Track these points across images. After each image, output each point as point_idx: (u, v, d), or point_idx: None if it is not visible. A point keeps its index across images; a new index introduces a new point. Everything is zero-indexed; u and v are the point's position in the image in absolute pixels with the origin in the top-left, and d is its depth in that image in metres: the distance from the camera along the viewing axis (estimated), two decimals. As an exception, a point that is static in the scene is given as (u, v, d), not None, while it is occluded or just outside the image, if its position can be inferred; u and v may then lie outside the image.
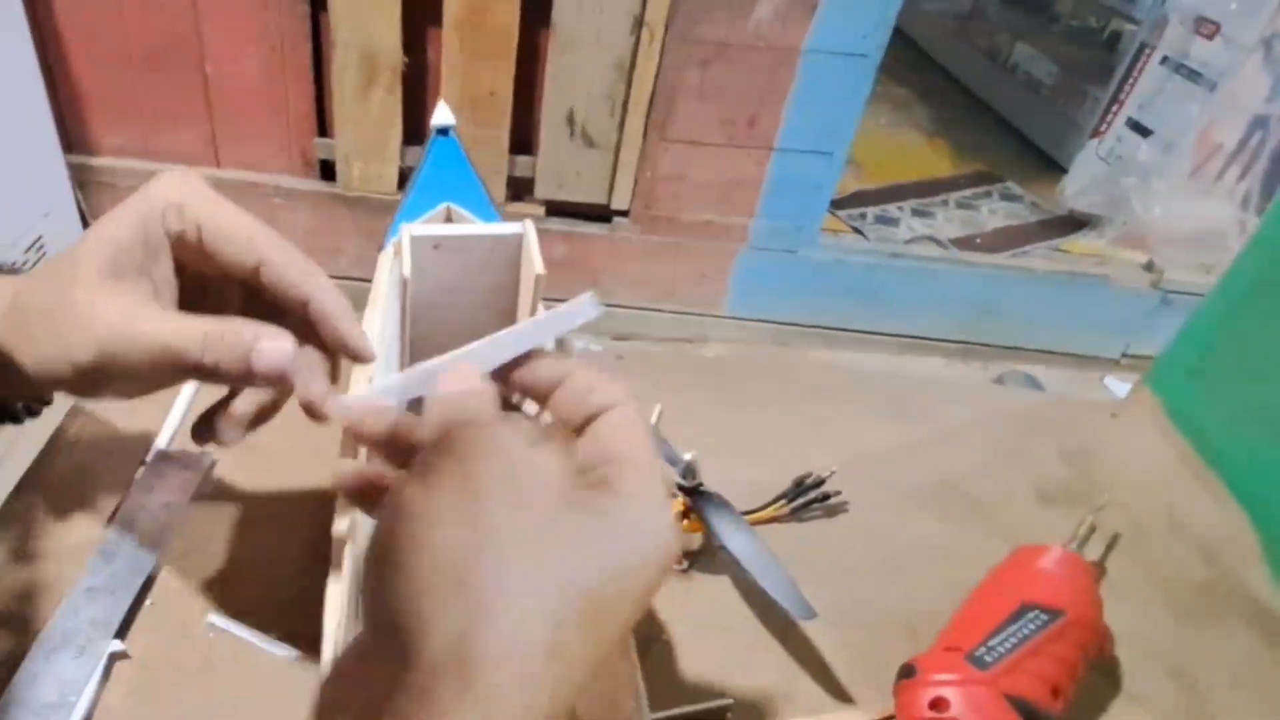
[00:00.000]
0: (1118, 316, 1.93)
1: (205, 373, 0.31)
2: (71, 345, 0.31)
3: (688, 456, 0.44)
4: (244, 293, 0.35)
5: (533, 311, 0.39)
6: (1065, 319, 1.94)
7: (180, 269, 0.34)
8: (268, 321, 0.32)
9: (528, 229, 0.38)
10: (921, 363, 1.95)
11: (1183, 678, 0.43)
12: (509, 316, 0.41)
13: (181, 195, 0.33)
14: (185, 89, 1.50)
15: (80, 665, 0.38)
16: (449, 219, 0.53)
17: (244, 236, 0.33)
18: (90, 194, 1.56)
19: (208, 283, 0.35)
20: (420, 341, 0.43)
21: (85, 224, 1.55)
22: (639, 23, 1.48)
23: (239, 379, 0.31)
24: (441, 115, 0.55)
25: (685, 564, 0.46)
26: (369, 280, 0.48)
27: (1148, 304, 1.90)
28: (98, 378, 0.32)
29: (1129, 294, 1.90)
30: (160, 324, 0.31)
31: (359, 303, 0.42)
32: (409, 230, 0.38)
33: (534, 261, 0.37)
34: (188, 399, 0.51)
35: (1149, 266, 1.91)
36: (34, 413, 0.39)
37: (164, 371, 0.31)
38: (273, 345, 0.31)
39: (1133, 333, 1.95)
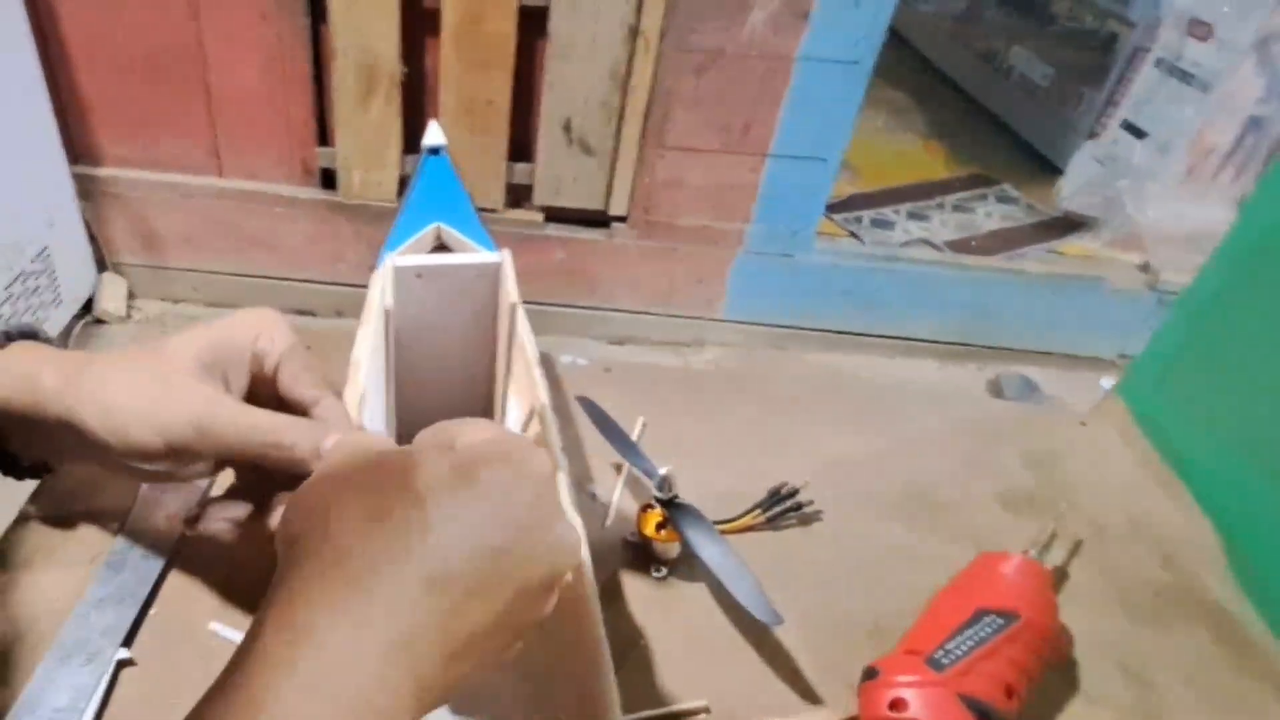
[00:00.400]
0: (1114, 318, 1.95)
1: (270, 458, 0.37)
2: (168, 421, 0.36)
3: (663, 470, 0.46)
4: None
5: (510, 339, 0.41)
6: (1061, 321, 1.96)
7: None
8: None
9: (505, 259, 0.41)
10: (916, 365, 1.97)
11: (1138, 678, 0.46)
12: (489, 341, 0.44)
13: (271, 329, 0.41)
14: (187, 99, 1.53)
15: (90, 672, 0.41)
16: (439, 239, 0.56)
17: (309, 380, 0.40)
18: (94, 204, 1.59)
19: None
20: (406, 368, 0.45)
21: (90, 234, 1.58)
22: (634, 31, 1.51)
23: (291, 465, 0.36)
24: (433, 135, 0.57)
25: (664, 572, 0.49)
26: (366, 286, 0.51)
27: (1144, 305, 1.92)
28: (183, 453, 0.37)
29: (1125, 295, 1.92)
30: (251, 410, 0.37)
31: (357, 310, 0.45)
32: (392, 260, 0.41)
33: (510, 291, 0.40)
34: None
35: (1145, 268, 1.92)
36: (37, 474, 0.44)
37: (237, 453, 0.37)
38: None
39: (1129, 334, 1.97)
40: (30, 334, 0.41)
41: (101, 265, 1.64)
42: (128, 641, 0.43)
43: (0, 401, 0.37)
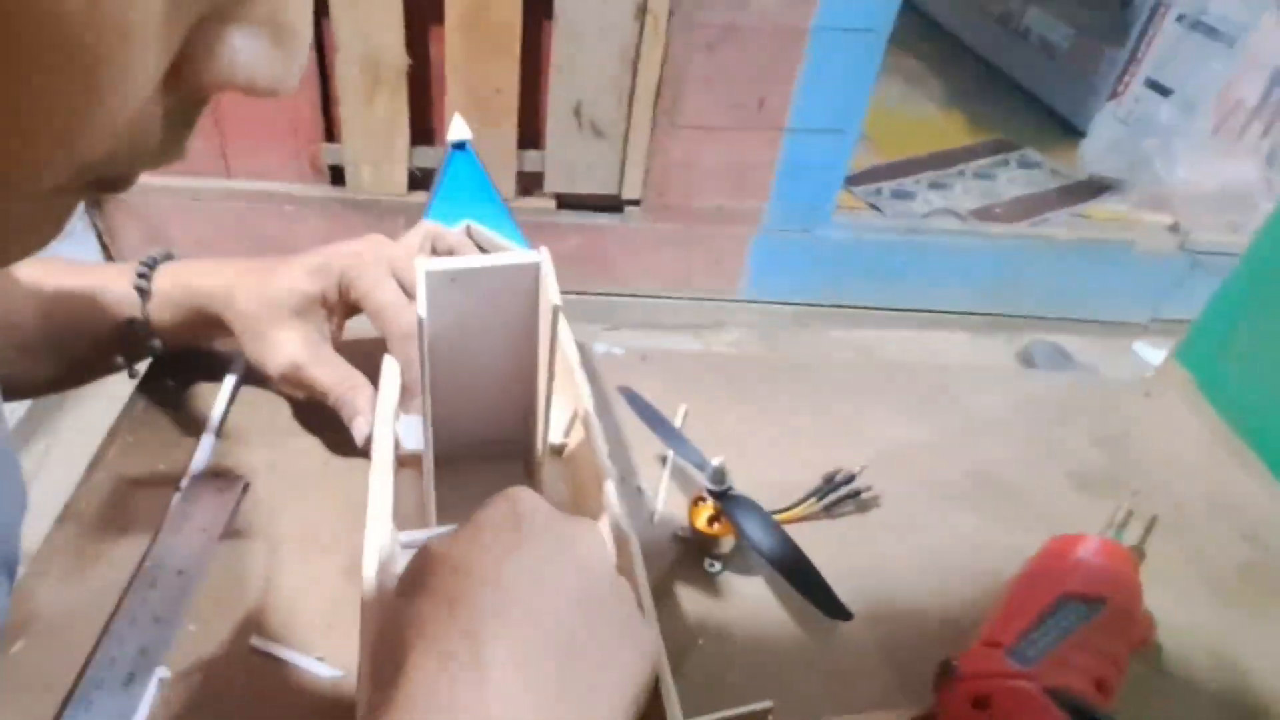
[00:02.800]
0: (1144, 281, 1.91)
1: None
2: (266, 360, 0.48)
3: (715, 461, 0.44)
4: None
5: (552, 343, 0.39)
6: (1090, 286, 1.92)
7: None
8: None
9: (544, 258, 0.38)
10: (944, 337, 1.93)
11: (1230, 664, 0.43)
12: (529, 344, 0.41)
13: (361, 268, 0.48)
14: (192, 102, 1.51)
15: (130, 694, 0.39)
16: (468, 234, 0.53)
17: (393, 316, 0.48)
18: (104, 212, 1.58)
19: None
20: (442, 375, 0.43)
21: (101, 242, 1.57)
22: (642, 9, 1.48)
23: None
24: (458, 130, 0.55)
25: (718, 567, 0.46)
26: None
27: (1175, 266, 1.88)
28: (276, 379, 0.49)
29: (1155, 257, 1.88)
30: (319, 369, 0.47)
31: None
32: (423, 265, 0.38)
33: (551, 292, 0.37)
34: (215, 425, 0.52)
35: (1174, 228, 1.88)
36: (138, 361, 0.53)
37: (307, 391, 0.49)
38: (360, 426, 0.46)
39: (1161, 296, 1.93)
40: (156, 260, 0.52)
41: (114, 273, 1.63)
42: (167, 660, 0.41)
43: (183, 318, 0.50)
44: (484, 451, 0.46)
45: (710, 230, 1.73)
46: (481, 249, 0.54)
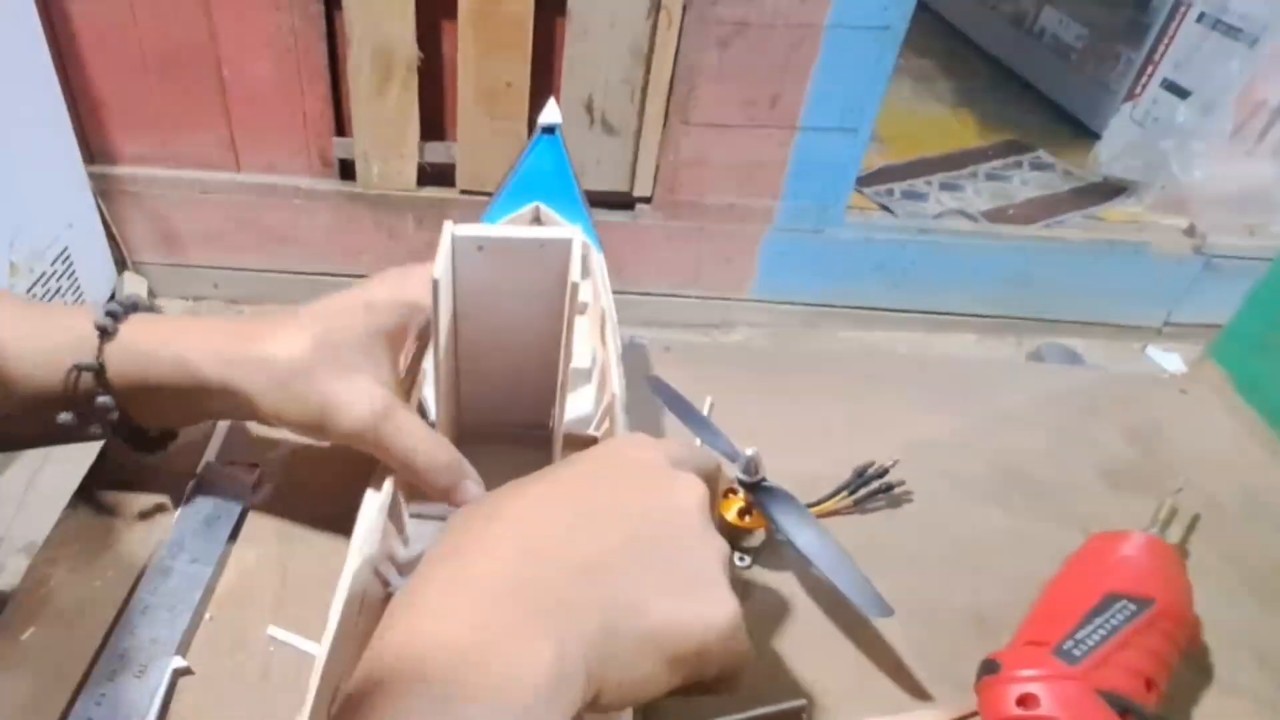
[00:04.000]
0: (1158, 284, 1.89)
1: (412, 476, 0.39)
2: (327, 429, 0.39)
3: (749, 452, 0.43)
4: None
5: (570, 322, 0.37)
6: (1103, 288, 1.90)
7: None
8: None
9: (576, 235, 0.37)
10: (955, 339, 1.92)
11: (1273, 665, 0.42)
12: (556, 322, 0.40)
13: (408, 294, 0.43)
14: (202, 94, 1.51)
15: (143, 685, 0.38)
16: (536, 219, 0.52)
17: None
18: (112, 203, 1.57)
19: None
20: (469, 347, 0.42)
21: (109, 234, 1.56)
22: (656, 5, 1.47)
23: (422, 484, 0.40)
24: (550, 114, 0.54)
25: (748, 561, 0.45)
26: None
27: (1190, 270, 1.87)
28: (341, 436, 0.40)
29: (1169, 260, 1.86)
30: (403, 439, 0.39)
31: None
32: (451, 229, 0.37)
33: (574, 269, 0.36)
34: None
35: (1190, 231, 1.86)
36: (163, 444, 0.46)
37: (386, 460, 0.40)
38: (470, 491, 0.40)
39: (1175, 300, 1.91)
40: (133, 307, 0.41)
41: (121, 265, 1.62)
42: (182, 650, 0.40)
43: (155, 378, 0.39)
44: (511, 435, 0.45)
45: (721, 228, 1.72)
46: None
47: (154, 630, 0.40)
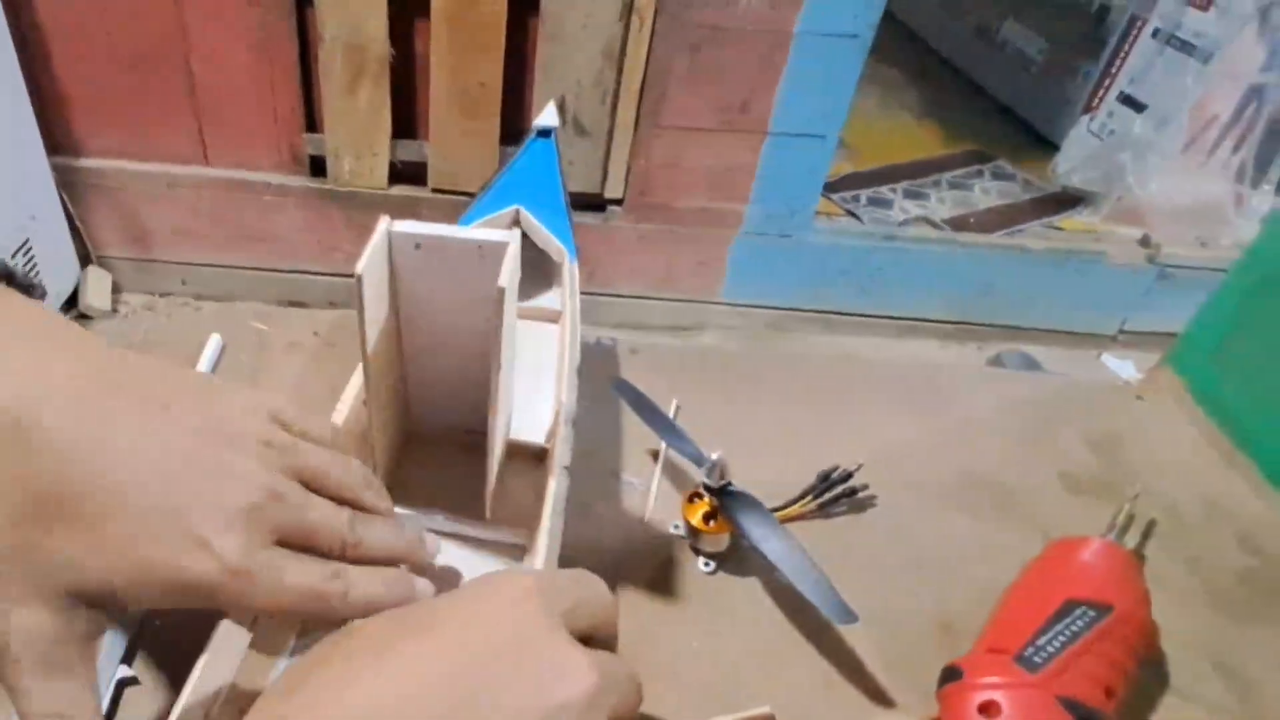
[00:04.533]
0: (1114, 293, 1.92)
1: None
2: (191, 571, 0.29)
3: (715, 456, 0.42)
4: None
5: (497, 330, 0.35)
6: (1061, 297, 1.92)
7: None
8: None
9: (514, 241, 0.35)
10: (918, 345, 1.93)
11: (1234, 675, 0.42)
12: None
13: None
14: (171, 88, 1.47)
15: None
16: (516, 222, 0.51)
17: None
18: (77, 196, 1.53)
19: None
20: (414, 349, 0.41)
21: (73, 227, 1.52)
22: (628, 8, 1.45)
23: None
24: (547, 116, 0.53)
25: (712, 566, 0.44)
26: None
27: (1144, 279, 1.89)
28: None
29: (1125, 270, 1.89)
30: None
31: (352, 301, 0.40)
32: (386, 224, 0.35)
33: (504, 274, 0.34)
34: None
35: (1145, 241, 1.89)
36: None
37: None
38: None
39: (1129, 309, 1.94)
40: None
41: (85, 259, 1.57)
42: (128, 658, 0.38)
43: None
44: (459, 439, 0.44)
45: (691, 232, 1.71)
46: (526, 236, 0.51)
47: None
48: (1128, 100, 1.91)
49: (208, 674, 0.32)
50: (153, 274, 1.65)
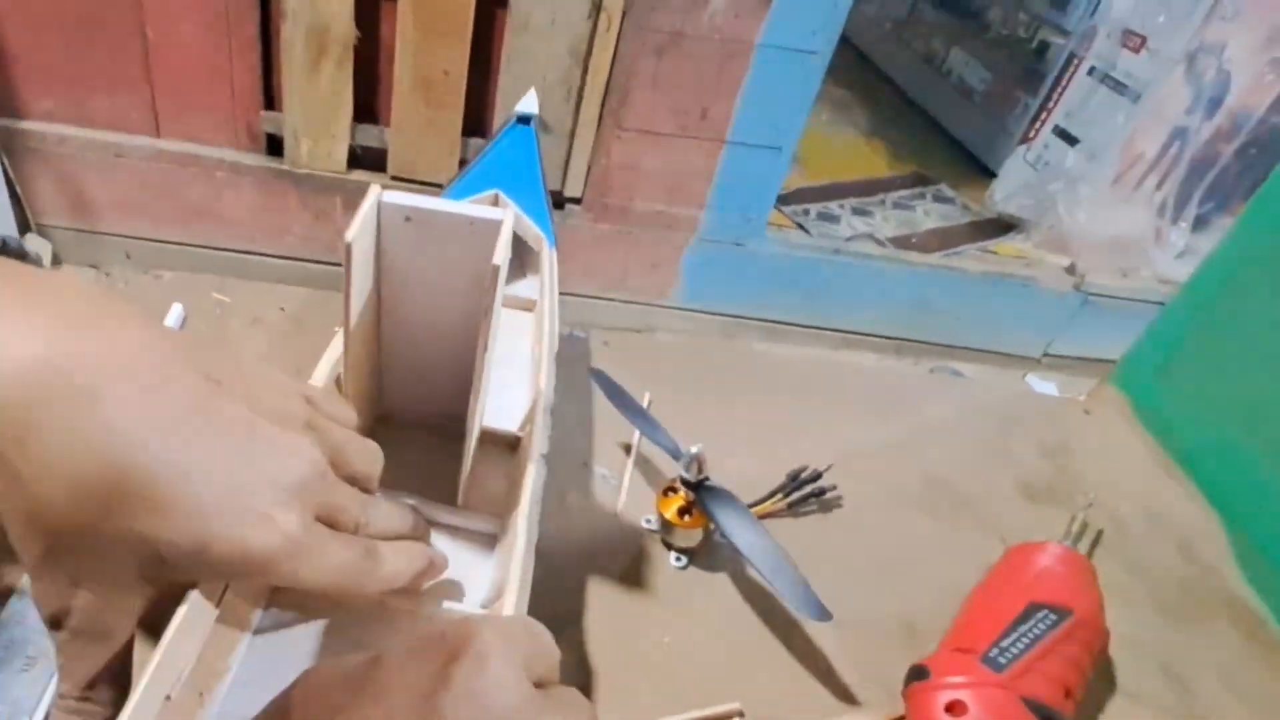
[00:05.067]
0: (1041, 316, 1.98)
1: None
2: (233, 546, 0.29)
3: (693, 450, 0.41)
4: None
5: (490, 304, 0.34)
6: (992, 318, 1.97)
7: None
8: None
9: (507, 218, 0.34)
10: (856, 358, 1.96)
11: (1176, 677, 0.43)
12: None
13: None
14: (123, 53, 1.40)
15: (32, 679, 0.33)
16: (495, 205, 0.49)
17: None
18: (17, 160, 1.44)
19: None
20: (392, 324, 0.39)
21: (13, 194, 1.44)
22: (597, 7, 1.44)
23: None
24: (528, 103, 0.51)
25: (684, 561, 0.43)
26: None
27: (1069, 305, 1.96)
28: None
29: (1052, 295, 1.95)
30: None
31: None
32: (378, 194, 0.34)
33: (498, 252, 0.32)
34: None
35: (1071, 269, 1.96)
36: None
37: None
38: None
39: (1054, 332, 2.00)
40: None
41: (25, 227, 1.49)
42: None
43: None
44: (435, 424, 0.42)
45: (648, 234, 1.70)
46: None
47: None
48: (1062, 134, 1.97)
49: (171, 651, 0.30)
50: (95, 246, 1.57)
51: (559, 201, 1.66)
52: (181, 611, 0.30)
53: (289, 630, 0.35)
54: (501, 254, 0.33)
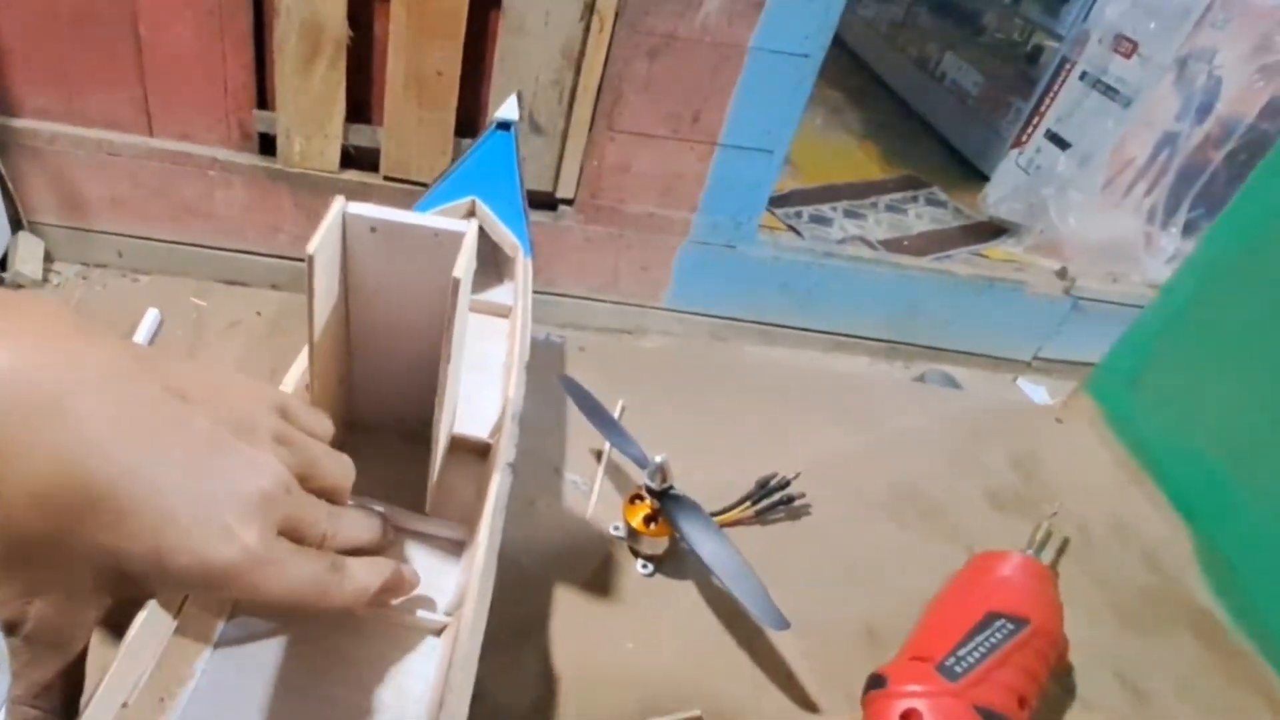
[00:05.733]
0: (1031, 321, 1.98)
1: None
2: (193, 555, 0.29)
3: (659, 458, 0.41)
4: None
5: (451, 317, 0.34)
6: (983, 321, 1.98)
7: None
8: None
9: (471, 230, 0.34)
10: (848, 360, 1.96)
11: (1133, 687, 0.43)
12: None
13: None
14: (116, 51, 1.40)
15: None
16: (472, 213, 0.49)
17: None
18: (9, 158, 1.44)
19: None
20: (361, 334, 0.39)
21: (5, 190, 1.44)
22: (589, 9, 1.44)
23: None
24: (508, 109, 0.51)
25: (650, 568, 0.44)
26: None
27: (1059, 310, 1.96)
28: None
29: (1042, 299, 1.95)
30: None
31: (302, 285, 0.38)
32: (342, 205, 0.34)
33: (460, 264, 0.32)
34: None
35: (1062, 274, 1.96)
36: None
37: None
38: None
39: (1044, 337, 2.01)
40: None
41: (16, 224, 1.49)
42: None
43: None
44: (404, 431, 0.42)
45: (639, 236, 1.71)
46: (483, 230, 0.50)
47: None
48: (1054, 138, 1.98)
49: (127, 660, 0.30)
50: (87, 244, 1.57)
51: (551, 203, 1.66)
52: (139, 620, 0.30)
53: (255, 638, 0.35)
54: (463, 266, 0.33)
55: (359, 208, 0.34)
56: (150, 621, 0.31)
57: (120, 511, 0.26)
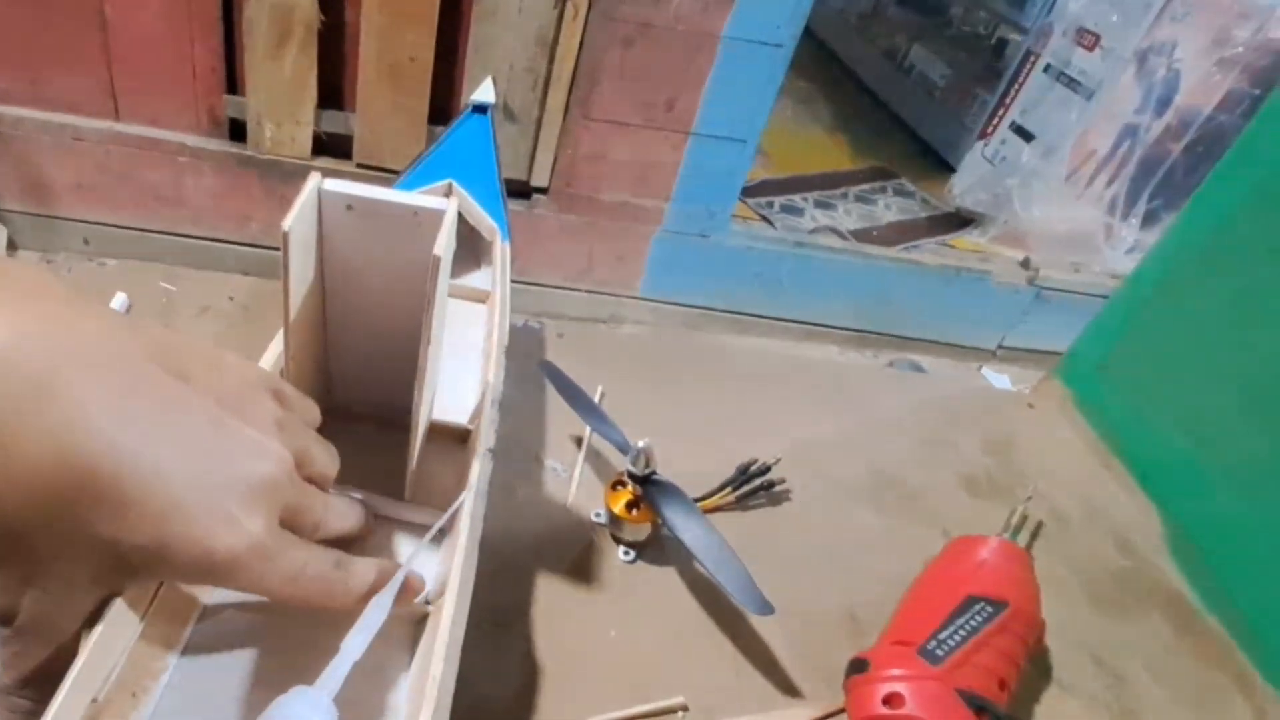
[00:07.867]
0: (996, 310, 2.00)
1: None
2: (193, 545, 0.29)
3: (641, 444, 0.40)
4: None
5: (431, 298, 0.33)
6: (949, 311, 1.99)
7: None
8: None
9: (451, 207, 0.33)
10: (819, 350, 1.97)
11: (1108, 668, 0.43)
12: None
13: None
14: (80, 32, 1.35)
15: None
16: (448, 195, 0.48)
17: None
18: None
19: None
20: (338, 316, 0.38)
21: (-37, 173, 1.39)
22: (564, -4, 1.42)
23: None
24: (484, 92, 0.50)
25: (632, 555, 0.43)
26: (280, 249, 0.42)
27: (1023, 299, 1.98)
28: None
29: (1007, 289, 1.97)
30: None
31: (274, 271, 0.36)
32: (318, 182, 0.33)
33: (440, 242, 0.31)
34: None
35: (1025, 264, 1.98)
36: None
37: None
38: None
39: (1008, 326, 2.02)
40: None
41: (-23, 209, 1.44)
42: None
43: None
44: (382, 416, 0.41)
45: (614, 225, 1.69)
46: (460, 214, 0.48)
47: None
48: (1019, 130, 1.99)
49: (96, 655, 0.29)
50: (52, 231, 1.52)
51: (525, 191, 1.64)
52: (107, 615, 0.29)
53: (230, 630, 0.34)
54: (443, 244, 0.32)
55: (335, 184, 0.33)
56: (118, 615, 0.29)
57: (123, 501, 0.24)
